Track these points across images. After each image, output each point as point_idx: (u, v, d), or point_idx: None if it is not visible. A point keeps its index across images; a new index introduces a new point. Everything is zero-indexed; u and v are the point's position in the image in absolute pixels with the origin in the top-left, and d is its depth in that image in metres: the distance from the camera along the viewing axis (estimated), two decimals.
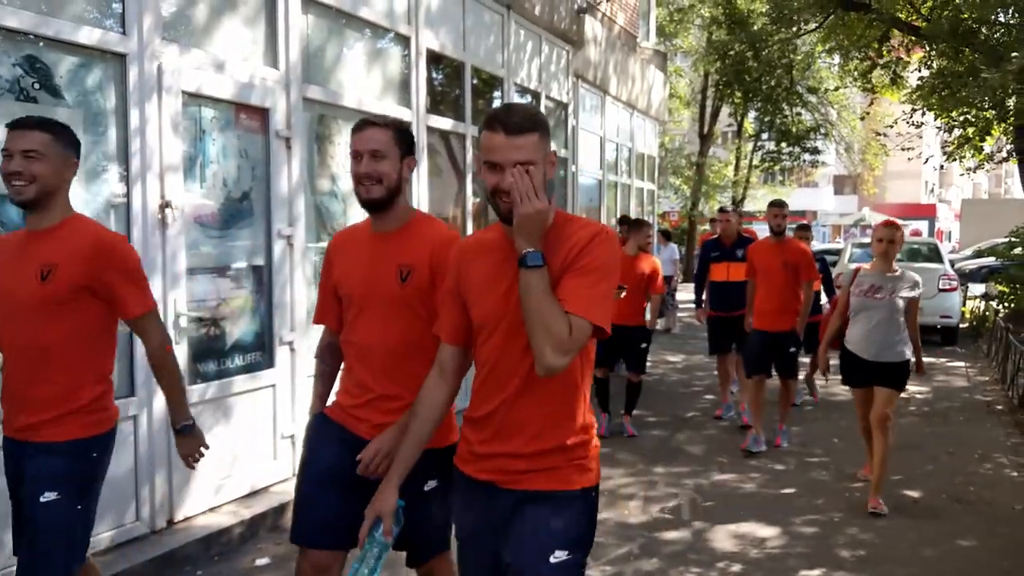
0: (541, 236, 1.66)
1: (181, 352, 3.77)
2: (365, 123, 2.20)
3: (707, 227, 24.19)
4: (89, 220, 2.37)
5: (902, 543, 3.95)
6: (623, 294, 5.56)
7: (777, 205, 5.86)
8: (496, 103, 7.03)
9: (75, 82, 3.36)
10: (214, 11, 4.03)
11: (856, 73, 10.42)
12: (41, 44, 3.22)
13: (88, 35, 3.35)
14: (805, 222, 8.22)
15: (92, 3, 3.46)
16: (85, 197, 3.38)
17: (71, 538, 2.22)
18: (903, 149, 11.03)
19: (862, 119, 16.42)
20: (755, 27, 15.12)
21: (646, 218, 12.98)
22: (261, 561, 3.67)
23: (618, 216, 10.13)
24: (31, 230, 2.27)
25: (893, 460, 5.23)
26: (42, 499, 2.15)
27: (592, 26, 9.26)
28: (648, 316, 5.92)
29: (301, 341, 4.48)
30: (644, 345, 5.93)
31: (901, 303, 4.36)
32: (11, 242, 2.31)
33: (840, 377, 4.63)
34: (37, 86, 3.21)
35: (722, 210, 6.77)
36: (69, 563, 2.21)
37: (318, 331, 2.53)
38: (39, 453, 2.20)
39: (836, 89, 17.47)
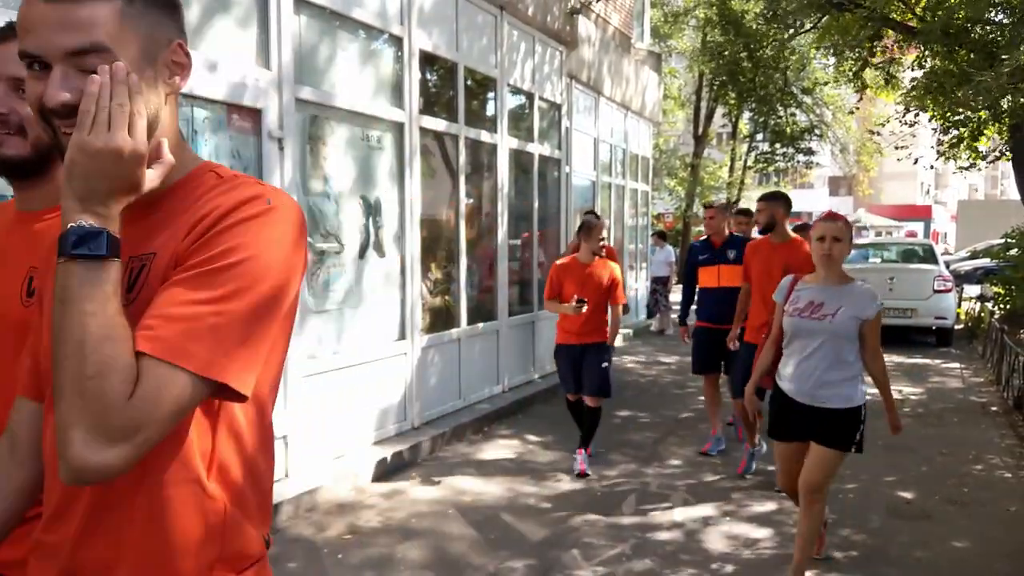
0: (117, 196, 0.91)
1: None
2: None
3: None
4: None
5: (895, 544, 3.96)
6: (584, 309, 4.89)
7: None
8: (490, 104, 7.04)
9: None
10: (206, 12, 4.03)
11: (850, 73, 10.45)
12: None
13: None
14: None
15: None
16: None
17: None
18: (896, 148, 11.06)
19: (851, 113, 16.46)
20: (749, 28, 15.16)
21: (640, 220, 13.00)
22: None
23: (582, 213, 10.13)
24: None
25: (887, 461, 5.26)
26: None
27: (586, 27, 9.28)
28: (610, 330, 5.13)
29: (294, 342, 4.47)
30: (605, 365, 5.05)
31: (853, 326, 3.17)
32: None
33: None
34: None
35: (707, 205, 5.87)
36: None
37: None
38: None
39: (827, 84, 17.50)
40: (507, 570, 3.62)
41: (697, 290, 5.67)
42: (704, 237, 5.73)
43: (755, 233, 5.55)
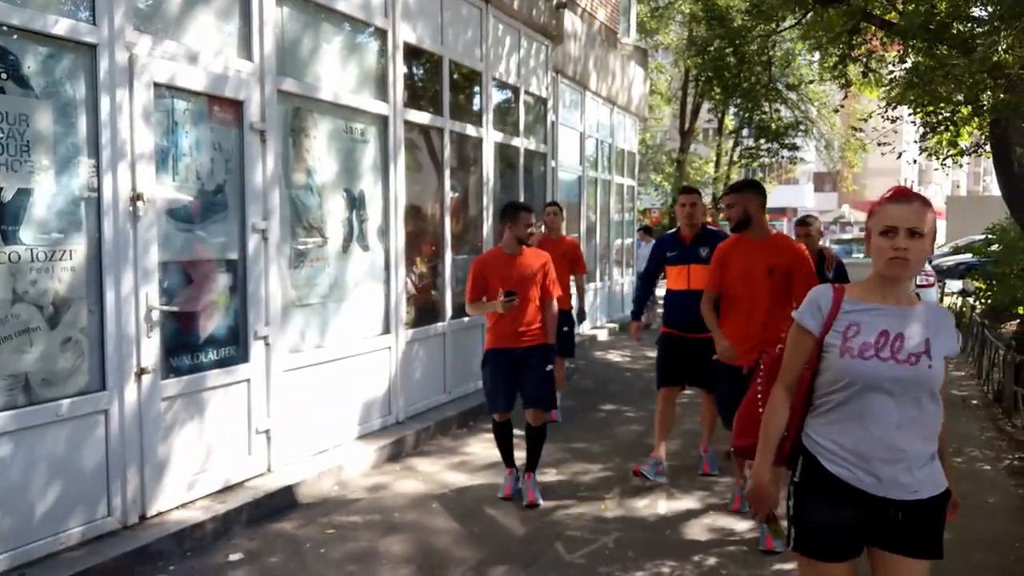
0: None
1: (153, 346, 3.73)
2: None
3: None
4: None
5: None
6: (515, 302, 4.22)
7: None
8: (475, 98, 7.02)
9: (44, 72, 3.31)
10: (187, 2, 3.98)
11: (831, 68, 10.50)
12: (9, 33, 3.16)
13: (57, 25, 3.30)
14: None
15: None
16: (55, 189, 3.33)
17: None
18: (879, 144, 11.13)
19: (836, 111, 16.54)
20: (734, 23, 15.20)
21: (626, 215, 13.02)
22: (234, 556, 3.64)
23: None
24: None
25: None
26: None
27: (572, 21, 9.27)
28: (547, 328, 4.45)
29: (276, 336, 4.44)
30: (550, 368, 4.40)
31: (939, 370, 2.01)
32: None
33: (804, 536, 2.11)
34: (5, 76, 3.15)
35: (686, 190, 4.99)
36: None
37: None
38: None
39: (811, 83, 17.59)
40: (490, 563, 3.62)
41: (666, 291, 4.87)
42: (674, 229, 5.00)
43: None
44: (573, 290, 6.32)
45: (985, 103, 7.71)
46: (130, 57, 3.61)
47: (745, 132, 20.45)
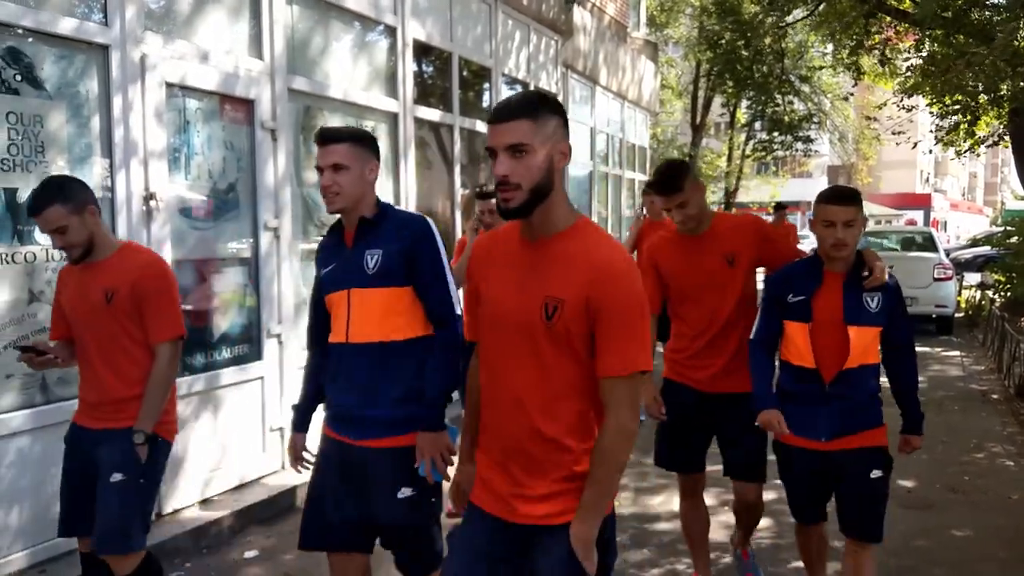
0: None
1: None
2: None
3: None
4: None
5: (895, 533, 3.93)
6: None
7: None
8: (485, 94, 7.00)
9: (57, 73, 3.33)
10: (198, 2, 3.99)
11: (846, 59, 10.39)
12: (23, 35, 3.18)
13: (70, 26, 3.32)
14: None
15: None
16: None
17: None
18: (894, 133, 11.01)
19: (846, 99, 16.37)
20: (745, 15, 15.09)
21: (637, 210, 12.96)
22: (250, 553, 3.66)
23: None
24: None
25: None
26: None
27: (581, 16, 9.22)
28: None
29: (289, 333, 4.46)
30: None
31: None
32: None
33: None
34: (19, 78, 3.18)
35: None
36: None
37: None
38: None
39: (821, 69, 17.41)
40: None
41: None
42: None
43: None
44: None
45: (1004, 92, 7.60)
46: (142, 57, 3.62)
47: (758, 125, 20.29)
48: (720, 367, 2.87)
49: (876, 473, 2.61)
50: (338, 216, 2.32)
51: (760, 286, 2.83)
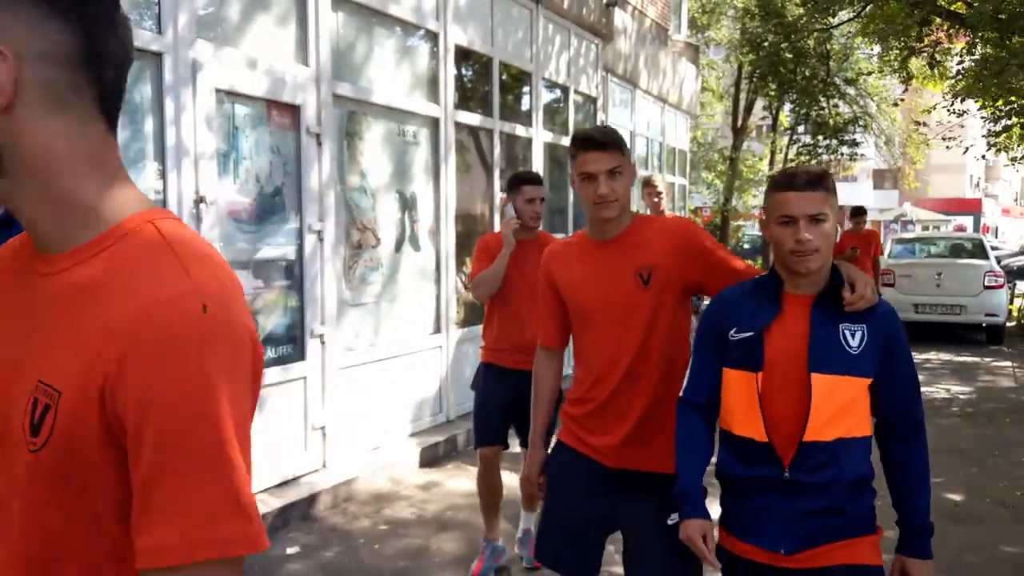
0: None
1: None
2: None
3: (741, 223, 23.88)
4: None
5: (943, 549, 3.82)
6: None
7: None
8: (525, 98, 7.03)
9: None
10: (246, 9, 4.10)
11: (895, 62, 10.17)
12: None
13: None
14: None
15: (130, 2, 3.54)
16: None
17: None
18: (943, 139, 10.74)
19: (895, 105, 15.97)
20: (789, 17, 14.86)
21: (677, 214, 12.85)
22: (291, 550, 3.74)
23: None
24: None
25: (934, 461, 5.09)
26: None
27: (622, 19, 9.20)
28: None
29: (332, 334, 4.54)
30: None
31: None
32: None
33: None
34: None
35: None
36: None
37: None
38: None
39: (870, 74, 17.05)
40: None
41: None
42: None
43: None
44: None
45: None
46: (193, 64, 3.73)
47: (801, 129, 19.95)
48: (627, 431, 2.02)
49: None
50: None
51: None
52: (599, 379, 2.05)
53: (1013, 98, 8.54)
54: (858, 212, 8.90)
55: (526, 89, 7.01)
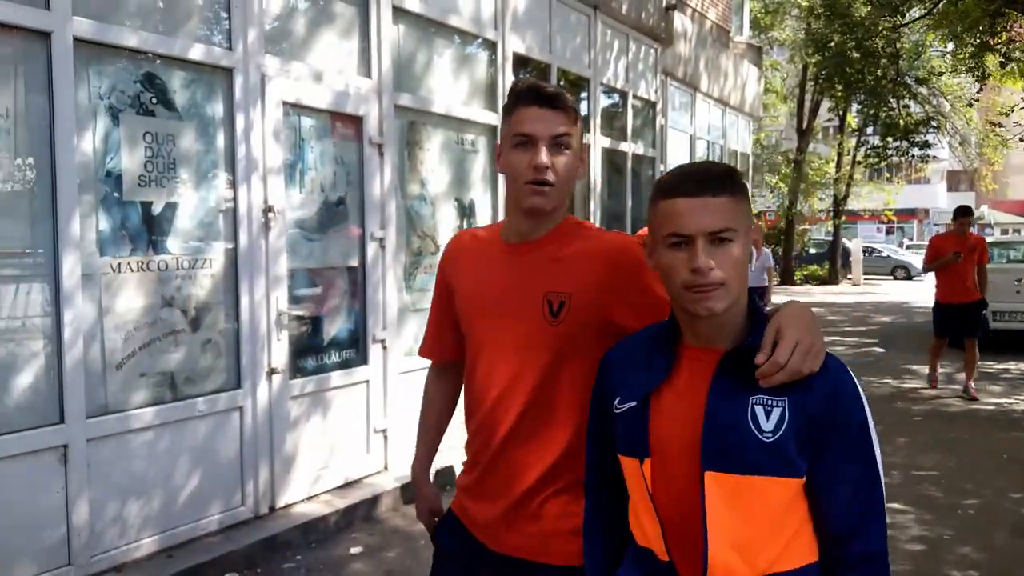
0: None
1: (283, 348, 3.98)
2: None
3: (807, 227, 23.21)
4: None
5: (1021, 566, 3.66)
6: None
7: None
8: (583, 104, 7.03)
9: (187, 95, 3.62)
10: (311, 24, 4.23)
11: (969, 60, 9.75)
12: (157, 61, 3.48)
13: (198, 51, 3.60)
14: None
15: (202, 20, 3.71)
16: (196, 202, 3.63)
17: None
18: (1022, 139, 10.23)
19: (969, 105, 15.29)
20: (856, 16, 14.42)
21: None
22: (355, 550, 3.82)
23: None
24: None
25: (1013, 475, 4.85)
26: None
27: (681, 22, 9.10)
28: None
29: (393, 339, 4.62)
30: None
31: None
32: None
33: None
34: (155, 100, 3.47)
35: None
36: None
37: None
38: None
39: (941, 75, 16.39)
40: None
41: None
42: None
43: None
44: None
45: None
46: (261, 78, 3.87)
47: (870, 130, 19.32)
48: (513, 502, 1.54)
49: None
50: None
51: None
52: (482, 427, 1.61)
53: None
54: (963, 212, 7.29)
55: (584, 95, 7.00)
